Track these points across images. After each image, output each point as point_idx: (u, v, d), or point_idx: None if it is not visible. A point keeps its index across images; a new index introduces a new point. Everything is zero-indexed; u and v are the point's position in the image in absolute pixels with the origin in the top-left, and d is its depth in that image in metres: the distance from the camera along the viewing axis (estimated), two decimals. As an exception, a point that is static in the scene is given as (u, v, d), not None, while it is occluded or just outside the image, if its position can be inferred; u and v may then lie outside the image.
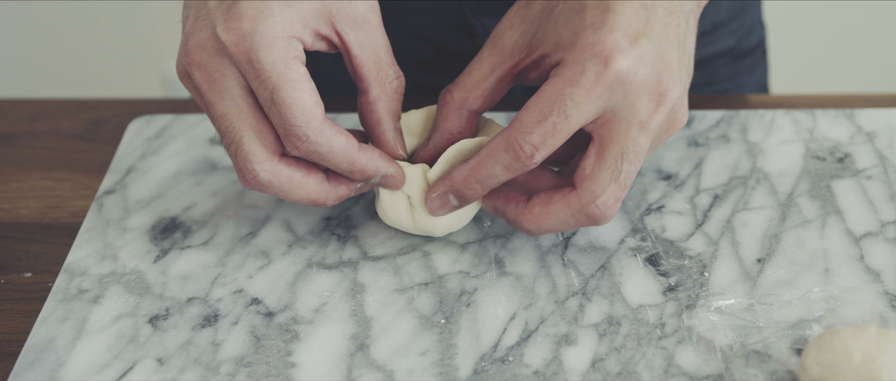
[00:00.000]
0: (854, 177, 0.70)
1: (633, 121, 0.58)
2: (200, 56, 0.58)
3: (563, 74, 0.57)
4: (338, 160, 0.59)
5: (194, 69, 0.59)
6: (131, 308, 0.61)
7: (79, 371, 0.57)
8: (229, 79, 0.58)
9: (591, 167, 0.58)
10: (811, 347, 0.54)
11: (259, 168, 0.59)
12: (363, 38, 0.60)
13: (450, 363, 0.57)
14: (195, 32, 0.59)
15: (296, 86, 0.57)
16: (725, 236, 0.65)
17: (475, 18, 0.85)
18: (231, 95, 0.58)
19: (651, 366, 0.57)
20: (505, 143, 0.58)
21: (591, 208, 0.59)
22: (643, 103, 0.58)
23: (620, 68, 0.57)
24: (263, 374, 0.57)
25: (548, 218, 0.60)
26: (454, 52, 0.87)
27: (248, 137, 0.59)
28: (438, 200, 0.62)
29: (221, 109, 0.59)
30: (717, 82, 0.93)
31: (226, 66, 0.58)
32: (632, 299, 0.61)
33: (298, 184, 0.60)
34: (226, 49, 0.57)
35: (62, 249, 0.67)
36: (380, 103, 0.61)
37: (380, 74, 0.61)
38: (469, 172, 0.60)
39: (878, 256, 0.63)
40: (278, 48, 0.57)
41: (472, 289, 0.62)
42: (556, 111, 0.57)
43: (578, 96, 0.57)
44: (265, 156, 0.59)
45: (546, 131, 0.57)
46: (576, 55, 0.57)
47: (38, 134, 0.79)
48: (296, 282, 0.63)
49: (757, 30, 0.96)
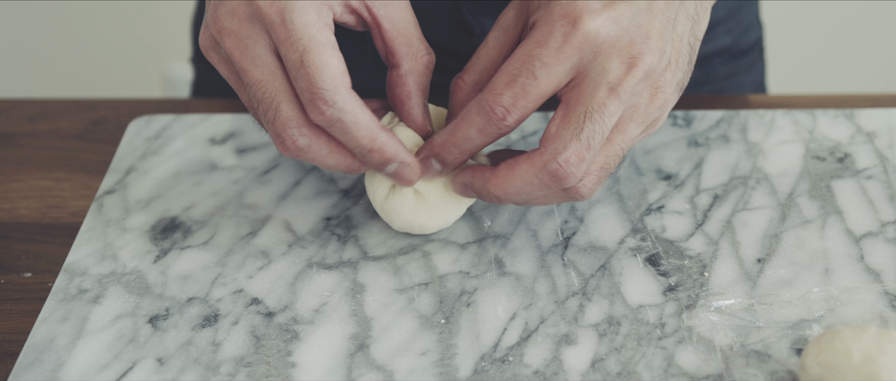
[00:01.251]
0: (854, 177, 0.70)
1: (602, 82, 0.57)
2: (231, 22, 0.58)
3: (533, 36, 0.57)
4: (360, 133, 0.58)
5: (225, 36, 0.59)
6: (131, 308, 0.61)
7: (79, 371, 0.57)
8: (261, 45, 0.58)
9: (555, 127, 0.58)
10: (811, 347, 0.54)
11: (298, 133, 0.59)
12: (393, 14, 0.61)
13: (450, 363, 0.57)
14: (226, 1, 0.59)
15: (325, 50, 0.57)
16: (725, 236, 0.65)
17: (473, 17, 0.85)
18: (264, 62, 0.58)
19: (651, 366, 0.57)
20: (477, 106, 0.58)
21: (552, 165, 0.58)
22: (614, 65, 0.57)
23: (588, 28, 0.57)
24: (263, 374, 0.57)
25: (513, 180, 0.59)
26: (452, 52, 0.87)
27: (286, 103, 0.58)
28: (422, 164, 0.62)
29: (256, 75, 0.58)
30: (715, 81, 0.93)
31: (258, 31, 0.58)
32: (632, 299, 0.61)
33: (335, 149, 0.60)
34: (259, 10, 0.57)
35: (62, 249, 0.67)
36: (411, 77, 0.61)
37: (411, 48, 0.61)
38: (446, 136, 0.60)
39: (878, 256, 0.63)
40: (311, 11, 0.57)
41: (472, 289, 0.62)
42: (524, 72, 0.57)
43: (546, 57, 0.57)
44: (303, 121, 0.59)
45: (516, 93, 0.57)
46: (547, 16, 0.57)
47: (38, 134, 0.79)
48: (296, 282, 0.63)
49: (754, 29, 0.96)
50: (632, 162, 0.72)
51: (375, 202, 0.65)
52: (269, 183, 0.71)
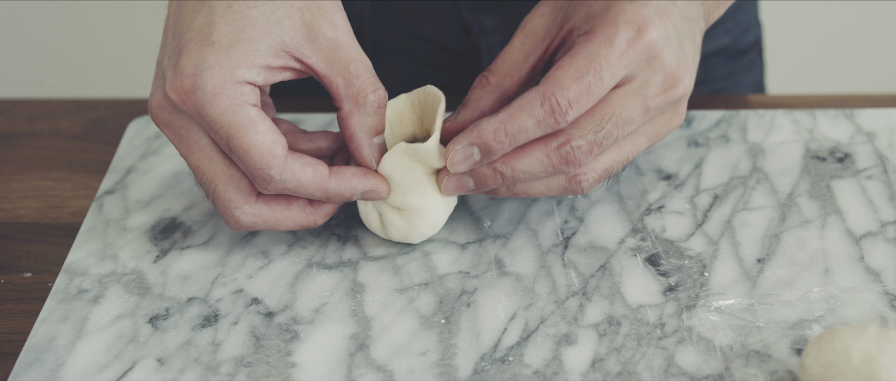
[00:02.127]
0: (854, 177, 0.70)
1: (639, 93, 0.60)
2: (162, 115, 0.59)
3: (598, 38, 0.58)
4: (310, 191, 0.60)
5: (162, 127, 0.60)
6: (131, 308, 0.61)
7: (79, 371, 0.57)
8: (194, 132, 0.59)
9: (577, 117, 0.59)
10: (811, 347, 0.54)
11: (239, 212, 0.60)
12: (329, 58, 0.59)
13: (450, 363, 0.57)
14: (154, 93, 0.59)
15: (248, 131, 0.57)
16: (725, 236, 0.65)
17: (471, 16, 0.85)
18: (199, 147, 0.59)
19: (651, 366, 0.57)
20: (541, 97, 0.58)
21: (565, 149, 0.59)
22: (656, 81, 0.60)
23: (651, 38, 0.59)
24: (263, 374, 0.57)
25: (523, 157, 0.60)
26: (451, 50, 0.87)
27: (223, 185, 0.60)
28: (462, 152, 0.60)
29: (194, 161, 0.60)
30: (713, 81, 0.93)
31: (187, 120, 0.59)
32: (632, 299, 0.61)
33: (282, 216, 0.61)
34: (177, 107, 0.58)
35: (62, 249, 0.67)
36: (352, 119, 0.61)
37: (350, 89, 0.60)
38: (499, 124, 0.59)
39: (878, 256, 0.63)
40: (223, 98, 0.57)
41: (472, 289, 0.62)
42: (592, 71, 0.58)
43: (613, 58, 0.58)
44: (242, 199, 0.60)
45: (582, 90, 0.58)
46: (610, 20, 0.59)
47: (38, 134, 0.79)
48: (296, 282, 0.63)
49: (753, 28, 0.96)
50: (632, 162, 0.72)
51: (384, 236, 0.65)
52: (269, 183, 0.71)
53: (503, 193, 0.63)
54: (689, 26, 0.62)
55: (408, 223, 0.63)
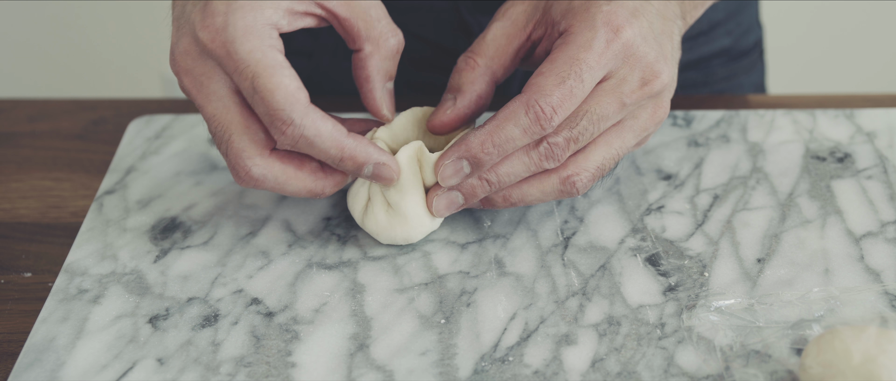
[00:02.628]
0: (854, 177, 0.70)
1: (615, 91, 0.60)
2: (185, 62, 0.59)
3: (576, 40, 0.59)
4: (326, 145, 0.58)
5: (182, 76, 0.60)
6: (131, 308, 0.61)
7: (79, 371, 0.57)
8: (216, 81, 0.59)
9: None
10: (811, 347, 0.54)
11: (251, 163, 0.59)
12: (349, 2, 0.60)
13: (450, 363, 0.57)
14: (179, 40, 0.60)
15: (275, 71, 0.57)
16: (725, 236, 0.65)
17: (471, 17, 0.85)
18: (218, 97, 0.59)
19: (651, 366, 0.57)
20: (524, 106, 0.59)
21: (542, 146, 0.60)
22: (633, 78, 0.61)
23: (628, 37, 0.60)
24: (263, 374, 0.57)
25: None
26: (450, 51, 0.87)
27: (238, 134, 0.59)
28: (451, 167, 0.60)
29: (210, 110, 0.59)
30: (714, 82, 0.93)
31: (211, 67, 0.59)
32: (632, 299, 0.61)
33: (293, 176, 0.60)
34: (205, 48, 0.58)
35: (62, 249, 0.67)
36: (371, 60, 0.61)
37: (372, 31, 0.61)
38: (486, 135, 0.59)
39: (878, 256, 0.63)
40: (253, 37, 0.57)
41: (472, 289, 0.62)
42: (573, 75, 0.59)
43: (592, 60, 0.59)
44: (256, 151, 0.59)
45: (564, 94, 0.59)
46: (588, 21, 0.60)
47: (38, 134, 0.79)
48: (296, 282, 0.63)
49: (754, 30, 0.96)
50: (632, 162, 0.72)
51: (358, 222, 0.65)
52: (269, 183, 0.71)
53: (499, 203, 0.63)
54: (666, 25, 0.63)
55: (389, 222, 0.63)
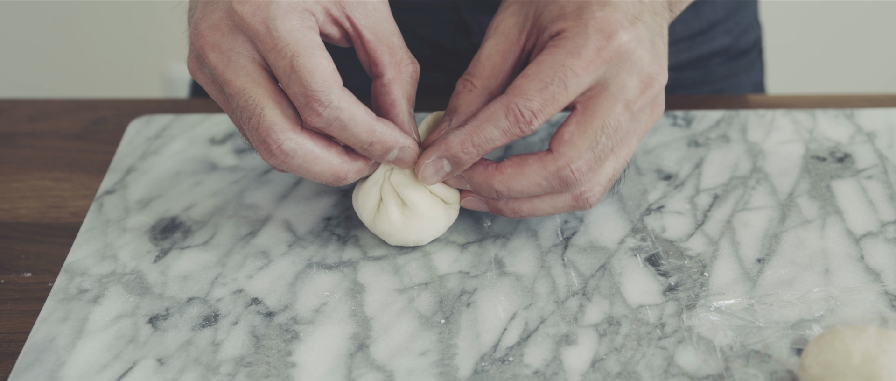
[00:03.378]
0: (854, 177, 0.70)
1: (620, 98, 0.60)
2: (214, 37, 0.58)
3: (565, 46, 0.59)
4: (358, 128, 0.58)
5: (208, 51, 0.59)
6: (131, 308, 0.61)
7: (79, 371, 0.57)
8: (244, 56, 0.58)
9: (570, 134, 0.60)
10: (811, 347, 0.54)
11: (284, 136, 0.58)
12: (375, 25, 0.61)
13: (450, 363, 0.57)
14: (207, 15, 0.59)
15: (314, 52, 0.57)
16: (725, 236, 0.65)
17: (471, 16, 0.85)
18: (247, 72, 0.58)
19: (651, 366, 0.57)
20: (505, 108, 0.59)
21: (565, 172, 0.60)
22: (633, 83, 0.60)
23: (620, 43, 0.59)
24: (263, 374, 0.57)
25: (520, 179, 0.60)
26: (450, 50, 0.87)
27: (270, 108, 0.58)
28: (432, 166, 0.61)
29: (239, 84, 0.58)
30: (713, 81, 0.93)
31: (241, 43, 0.58)
32: (632, 299, 0.61)
33: (321, 156, 0.60)
34: (242, 22, 0.57)
35: (62, 249, 0.67)
36: (395, 85, 0.62)
37: (394, 57, 0.61)
38: (466, 135, 0.60)
39: (878, 256, 0.63)
40: (294, 17, 0.57)
41: (472, 289, 0.62)
42: (556, 81, 0.58)
43: (578, 68, 0.58)
44: (288, 125, 0.58)
45: (545, 99, 0.58)
46: (580, 28, 0.59)
47: (38, 134, 0.79)
48: (296, 282, 0.63)
49: (753, 29, 0.96)
50: (632, 162, 0.72)
51: (366, 223, 0.65)
52: (269, 183, 0.71)
53: (508, 213, 0.63)
54: (657, 21, 0.63)
55: (404, 222, 0.63)
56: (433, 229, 0.64)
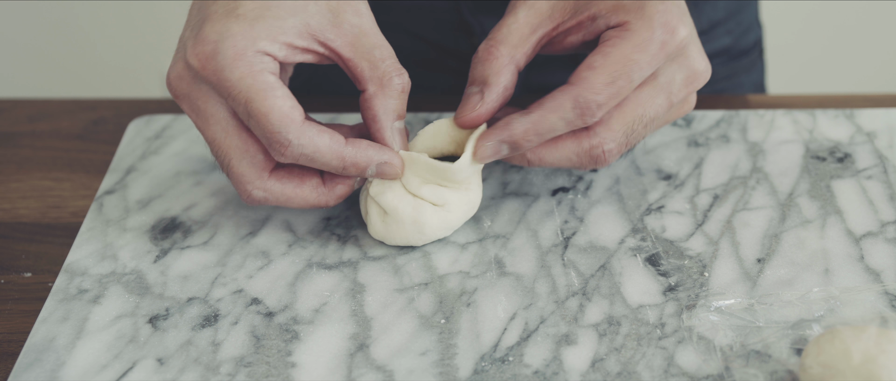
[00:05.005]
0: (854, 177, 0.70)
1: (665, 90, 0.61)
2: (181, 87, 0.60)
3: (632, 39, 0.60)
4: (326, 158, 0.59)
5: (180, 101, 0.60)
6: (131, 308, 0.61)
7: (79, 371, 0.57)
8: (212, 104, 0.60)
9: (608, 115, 0.61)
10: (811, 347, 0.54)
11: (251, 187, 0.61)
12: (353, 42, 0.61)
13: (450, 363, 0.57)
14: (173, 66, 0.60)
15: (267, 94, 0.57)
16: (725, 236, 0.65)
17: (473, 17, 0.85)
18: (216, 120, 0.60)
19: (651, 366, 0.57)
20: (573, 100, 0.59)
21: (596, 151, 0.61)
22: (680, 77, 0.61)
23: (682, 37, 0.60)
24: (263, 374, 0.57)
25: (553, 152, 0.62)
26: (452, 51, 0.87)
27: (237, 159, 0.60)
28: (492, 147, 0.61)
29: (209, 135, 0.60)
30: (714, 81, 0.93)
31: (206, 91, 0.59)
32: (632, 299, 0.61)
33: (293, 194, 0.62)
34: (197, 73, 0.59)
35: (62, 249, 0.67)
36: (376, 100, 0.61)
37: (375, 72, 0.61)
38: (530, 124, 0.60)
39: (878, 256, 0.63)
40: (243, 63, 0.58)
41: (472, 289, 0.62)
42: (624, 76, 0.59)
43: (645, 62, 0.59)
44: (255, 174, 0.60)
45: (612, 94, 0.59)
46: (645, 21, 0.60)
47: (38, 134, 0.79)
48: (296, 282, 0.63)
49: (754, 29, 0.96)
50: (632, 162, 0.72)
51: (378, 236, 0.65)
52: (269, 183, 0.71)
53: (521, 162, 0.64)
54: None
55: (385, 228, 0.64)
56: (419, 233, 0.64)
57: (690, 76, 0.62)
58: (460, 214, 0.64)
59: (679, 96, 0.62)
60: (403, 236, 0.63)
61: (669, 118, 0.65)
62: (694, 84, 0.62)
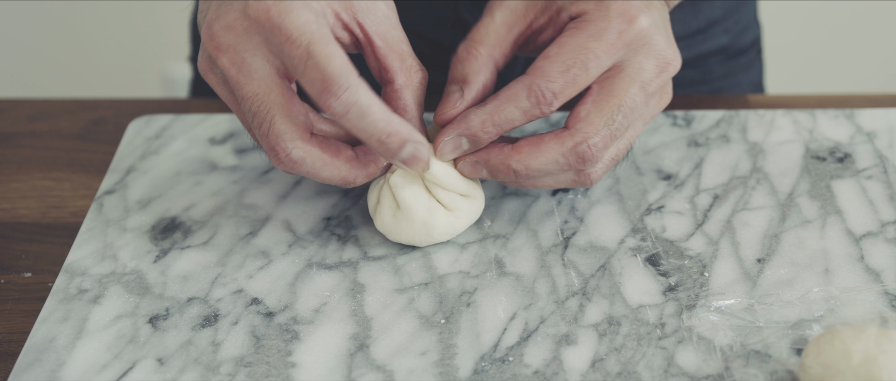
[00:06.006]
0: (854, 177, 0.70)
1: (636, 79, 0.61)
2: (227, 38, 0.58)
3: (587, 29, 0.60)
4: (377, 116, 0.57)
5: (222, 53, 0.59)
6: (131, 308, 0.61)
7: (79, 371, 0.57)
8: (258, 58, 0.58)
9: (586, 111, 0.61)
10: (811, 347, 0.54)
11: (292, 146, 0.59)
12: (386, 32, 0.62)
13: (450, 363, 0.57)
14: (221, 16, 0.59)
15: (330, 41, 0.57)
16: (725, 236, 0.65)
17: (469, 15, 0.85)
18: (261, 76, 0.58)
19: (651, 366, 0.57)
20: (527, 89, 0.60)
21: (581, 147, 0.61)
22: (649, 65, 0.61)
23: (642, 27, 0.60)
24: (263, 374, 0.57)
25: (538, 156, 0.61)
26: (448, 48, 0.87)
27: (280, 116, 0.58)
28: (451, 143, 0.62)
29: (252, 88, 0.59)
30: (712, 80, 0.93)
31: (255, 45, 0.58)
32: (632, 299, 0.61)
33: (329, 162, 0.60)
34: (256, 20, 0.57)
35: (62, 249, 0.67)
36: (406, 91, 0.62)
37: (404, 64, 0.62)
38: (486, 115, 0.61)
39: (878, 256, 0.63)
40: (309, 10, 0.57)
41: (472, 289, 0.62)
42: (578, 63, 0.59)
43: (600, 51, 0.60)
44: (297, 134, 0.59)
45: (567, 81, 0.59)
46: (602, 11, 0.60)
47: (38, 134, 0.79)
48: (296, 282, 0.63)
49: (752, 28, 0.96)
50: (632, 162, 0.72)
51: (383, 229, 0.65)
52: (269, 183, 0.71)
53: (511, 183, 0.64)
54: (663, 12, 0.64)
55: (394, 223, 0.64)
56: (426, 235, 0.64)
57: (661, 64, 0.62)
58: (467, 220, 0.64)
59: (654, 86, 0.62)
60: (410, 234, 0.63)
61: (652, 110, 0.64)
62: (666, 73, 0.62)
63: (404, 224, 0.63)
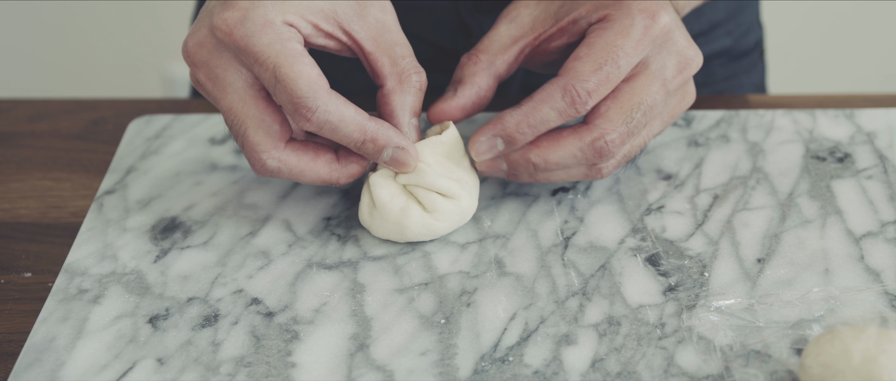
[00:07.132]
0: (854, 177, 0.70)
1: (658, 77, 0.62)
2: (200, 54, 0.60)
3: (613, 27, 0.61)
4: (349, 129, 0.59)
5: (197, 69, 0.60)
6: (131, 308, 0.61)
7: (79, 371, 0.57)
8: (231, 72, 0.60)
9: (606, 108, 0.62)
10: (811, 347, 0.54)
11: (266, 156, 0.60)
12: (376, 36, 0.62)
13: (450, 363, 0.57)
14: (194, 32, 0.60)
15: (296, 60, 0.58)
16: (725, 236, 0.65)
17: (471, 18, 0.85)
18: (234, 89, 0.60)
19: (651, 366, 0.57)
20: (562, 89, 0.61)
21: (599, 143, 0.62)
22: (671, 64, 0.62)
23: (664, 22, 0.61)
24: (263, 374, 0.57)
25: (556, 150, 0.62)
26: (450, 52, 0.87)
27: (253, 128, 0.60)
28: (486, 143, 0.63)
29: (226, 103, 0.60)
30: (714, 83, 0.93)
31: (227, 60, 0.59)
32: (632, 299, 0.61)
33: (307, 167, 0.62)
34: (222, 39, 0.58)
35: (62, 249, 0.67)
36: (394, 95, 0.62)
37: (395, 68, 0.62)
38: (522, 116, 0.62)
39: (878, 256, 0.63)
40: (272, 31, 0.58)
41: (472, 289, 0.62)
42: (610, 62, 0.60)
43: (629, 47, 0.61)
44: (271, 144, 0.60)
45: (600, 80, 0.60)
46: (624, 10, 0.61)
47: (38, 134, 0.79)
48: (296, 282, 0.63)
49: (754, 30, 0.96)
50: (632, 162, 0.72)
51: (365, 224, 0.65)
52: (269, 183, 0.71)
53: (525, 178, 0.65)
54: (676, 15, 0.65)
55: (371, 220, 0.64)
56: (400, 234, 0.64)
57: (682, 62, 0.63)
58: (449, 223, 0.64)
59: (675, 84, 0.63)
60: (385, 231, 0.64)
61: (672, 110, 0.65)
62: (687, 70, 0.63)
63: (379, 222, 0.64)
